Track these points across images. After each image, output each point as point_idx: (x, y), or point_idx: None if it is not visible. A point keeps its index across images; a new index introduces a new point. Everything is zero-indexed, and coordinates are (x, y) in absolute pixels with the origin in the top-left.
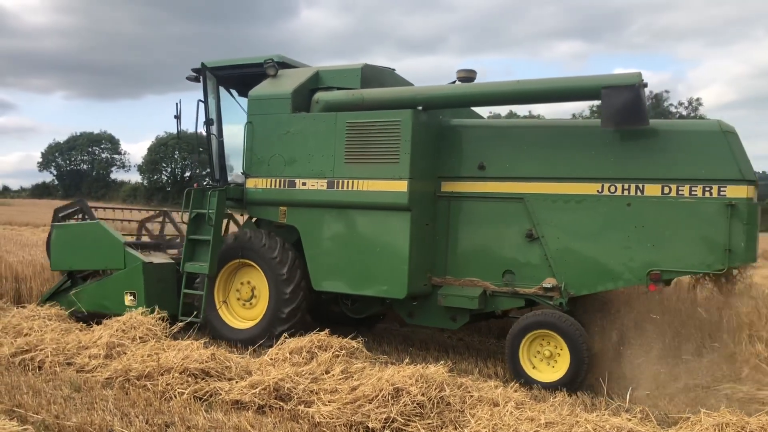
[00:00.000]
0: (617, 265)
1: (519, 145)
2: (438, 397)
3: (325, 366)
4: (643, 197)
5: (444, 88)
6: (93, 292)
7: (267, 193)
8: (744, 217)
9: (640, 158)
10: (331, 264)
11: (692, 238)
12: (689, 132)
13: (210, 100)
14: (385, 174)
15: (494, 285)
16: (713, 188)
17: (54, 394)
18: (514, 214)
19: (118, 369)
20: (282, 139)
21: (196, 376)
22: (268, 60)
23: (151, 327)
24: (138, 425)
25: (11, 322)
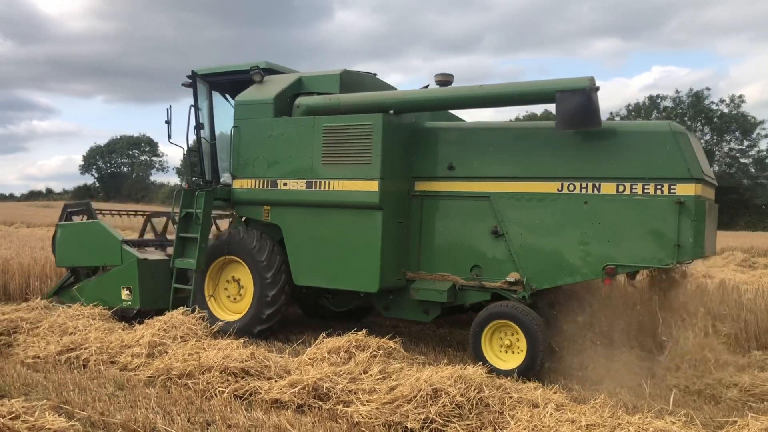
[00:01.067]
0: (575, 260)
1: (485, 146)
2: (477, 398)
3: (363, 366)
4: (600, 195)
5: (411, 93)
6: (93, 287)
7: (252, 193)
8: (692, 214)
9: (596, 158)
10: (310, 260)
11: (645, 233)
12: (641, 133)
13: (203, 105)
14: (358, 174)
15: (463, 279)
16: (664, 186)
17: (99, 391)
18: (481, 212)
19: (160, 368)
20: (265, 142)
21: (236, 375)
22: (253, 67)
23: (192, 326)
24: (180, 423)
25: (57, 321)
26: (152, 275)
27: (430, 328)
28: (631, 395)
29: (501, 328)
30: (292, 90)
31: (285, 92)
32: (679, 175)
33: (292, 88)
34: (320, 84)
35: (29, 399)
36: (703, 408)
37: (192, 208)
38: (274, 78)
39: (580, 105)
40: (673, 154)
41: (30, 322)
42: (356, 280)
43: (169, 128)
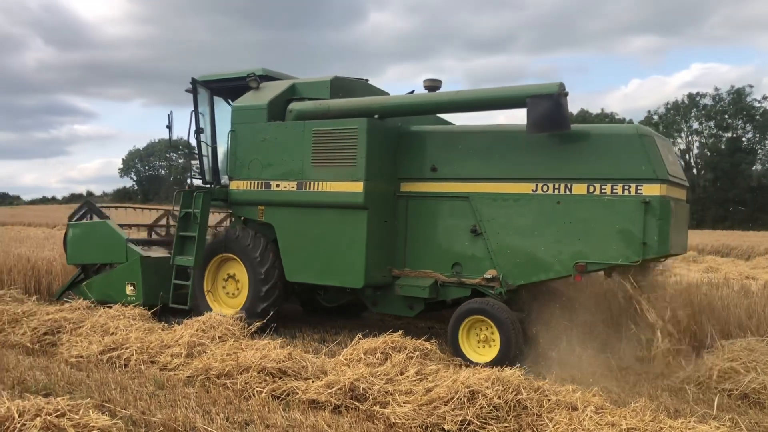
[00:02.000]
0: (549, 257)
1: (465, 148)
2: (514, 400)
3: (400, 367)
4: (571, 195)
5: (393, 99)
6: (100, 283)
7: (247, 194)
8: (657, 213)
9: (568, 160)
10: (300, 257)
11: (613, 232)
12: (610, 135)
13: (205, 110)
14: (345, 176)
15: (445, 276)
16: (631, 187)
17: (140, 390)
18: (462, 211)
19: (198, 368)
20: (259, 146)
21: (273, 376)
22: (250, 74)
23: (230, 327)
24: (219, 423)
25: (99, 321)
26: (155, 272)
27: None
28: (673, 399)
29: (477, 323)
30: (286, 96)
31: (279, 98)
32: (645, 176)
33: (285, 94)
34: (312, 90)
35: (73, 397)
36: (748, 413)
37: (191, 208)
38: (269, 84)
39: (550, 110)
40: (639, 156)
41: (73, 322)
42: (343, 277)
43: (170, 133)
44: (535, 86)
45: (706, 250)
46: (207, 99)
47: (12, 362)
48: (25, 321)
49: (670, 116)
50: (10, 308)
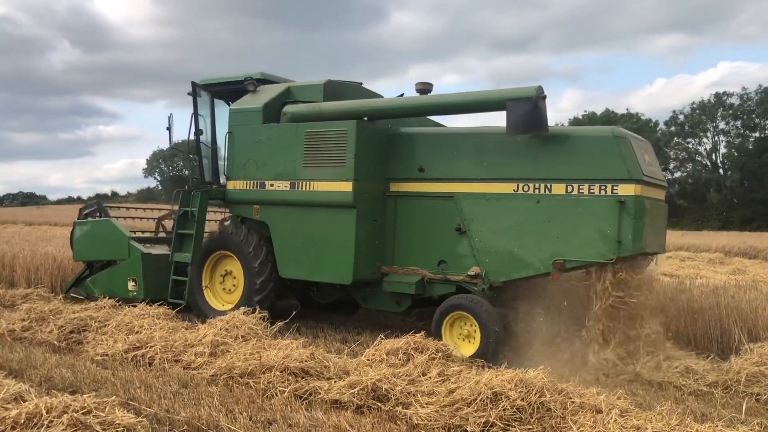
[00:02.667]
0: (528, 255)
1: (450, 150)
2: (538, 402)
3: (422, 368)
4: (551, 195)
5: (381, 102)
6: (104, 279)
7: (243, 193)
8: (632, 213)
9: (548, 161)
10: (293, 254)
11: (590, 231)
12: (586, 137)
13: (206, 112)
14: (335, 176)
15: (431, 273)
16: (607, 187)
17: (164, 389)
18: (447, 210)
19: (222, 367)
20: (255, 147)
21: (296, 375)
22: (247, 78)
23: (253, 326)
24: (242, 422)
25: (123, 320)
26: (155, 268)
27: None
28: (699, 402)
29: (459, 319)
30: (281, 99)
31: (274, 101)
32: (620, 176)
33: (280, 97)
34: (306, 93)
35: (99, 395)
36: None
37: (189, 207)
38: (266, 88)
39: (528, 112)
40: (614, 157)
41: (98, 320)
42: (332, 273)
43: (170, 134)
44: (514, 90)
45: (732, 252)
46: (208, 102)
47: (39, 360)
48: (51, 319)
49: (696, 116)
50: (38, 306)
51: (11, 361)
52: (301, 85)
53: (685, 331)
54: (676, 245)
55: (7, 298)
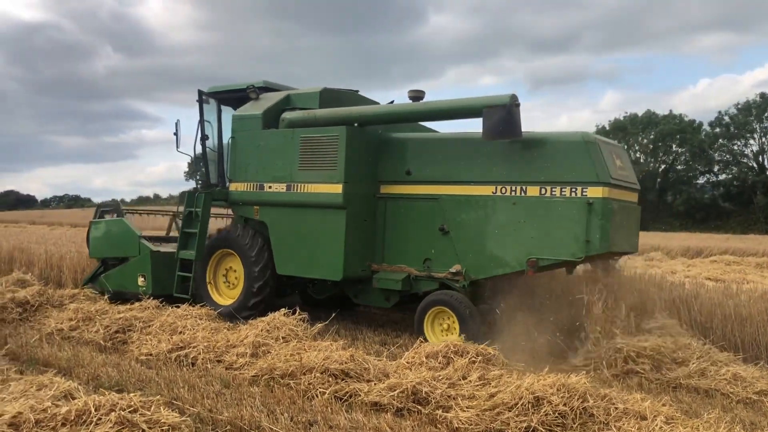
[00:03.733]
0: (505, 254)
1: (435, 154)
2: (580, 407)
3: (462, 372)
4: (526, 197)
5: (368, 109)
6: (117, 275)
7: (244, 194)
8: (599, 214)
9: (524, 164)
10: (289, 252)
11: (561, 231)
12: (558, 142)
13: (213, 118)
14: (327, 179)
15: (417, 270)
16: (577, 189)
17: (206, 389)
18: (432, 211)
19: (263, 367)
20: (255, 151)
21: (336, 377)
22: (250, 86)
23: (293, 327)
24: (283, 422)
25: (167, 321)
26: (163, 265)
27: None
28: (748, 411)
29: (440, 313)
30: (280, 106)
31: (273, 108)
32: (589, 179)
33: (280, 104)
34: (304, 101)
35: (145, 394)
36: None
37: (194, 207)
38: (267, 95)
39: (503, 118)
40: (584, 161)
41: (143, 320)
42: (324, 270)
43: (177, 140)
44: (490, 97)
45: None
46: (215, 109)
47: (86, 358)
48: (98, 319)
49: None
50: (84, 306)
51: (60, 360)
52: (299, 93)
53: (732, 338)
54: (720, 249)
55: (56, 298)
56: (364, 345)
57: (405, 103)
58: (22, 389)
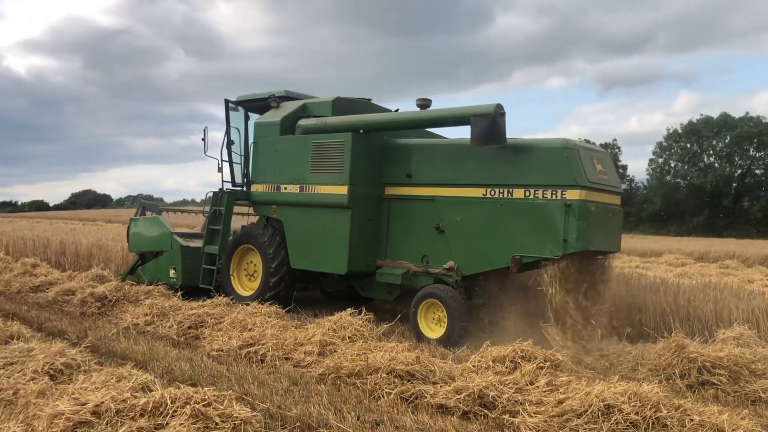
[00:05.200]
0: (492, 251)
1: (432, 158)
2: (653, 417)
3: (530, 377)
4: (512, 199)
5: (370, 117)
6: (152, 268)
7: (264, 195)
8: (577, 214)
9: (511, 169)
10: (301, 248)
11: (542, 230)
12: (540, 148)
13: (240, 125)
14: (334, 181)
15: (416, 266)
16: (557, 192)
17: (275, 386)
18: (429, 211)
19: (330, 366)
20: (273, 155)
21: (402, 378)
22: (271, 95)
23: (359, 328)
24: (350, 421)
25: (237, 318)
26: (192, 258)
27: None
28: None
29: (432, 305)
30: (297, 114)
31: (291, 115)
32: (567, 182)
33: (297, 112)
34: (318, 109)
35: (217, 388)
36: None
37: (218, 206)
38: (287, 104)
39: (488, 126)
40: (563, 166)
41: (214, 317)
42: (331, 264)
43: (205, 145)
44: (476, 107)
45: None
46: (243, 116)
47: (161, 353)
48: (171, 315)
49: None
50: (159, 302)
51: (136, 353)
52: (314, 102)
53: None
54: None
55: (132, 294)
56: (429, 347)
57: (401, 112)
58: (103, 380)
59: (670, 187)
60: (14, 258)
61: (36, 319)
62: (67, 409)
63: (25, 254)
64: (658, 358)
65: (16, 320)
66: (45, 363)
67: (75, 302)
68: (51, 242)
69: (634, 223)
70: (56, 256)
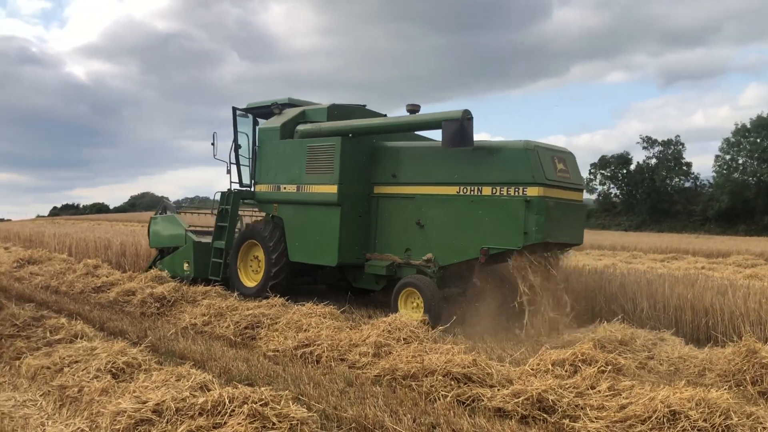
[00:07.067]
0: (464, 243)
1: (413, 159)
2: (723, 425)
3: (590, 381)
4: (481, 196)
5: (355, 123)
6: (169, 262)
7: (266, 194)
8: (535, 209)
9: (480, 168)
10: (298, 242)
11: (506, 224)
12: (504, 149)
13: (248, 130)
14: (326, 181)
15: (400, 259)
16: (519, 189)
17: (330, 387)
18: (411, 208)
19: (385, 368)
20: (274, 158)
21: (458, 380)
22: (274, 103)
23: (414, 329)
24: (406, 423)
25: (293, 318)
26: (203, 253)
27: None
28: None
29: (411, 293)
30: (297, 119)
31: (290, 121)
32: (526, 180)
33: (296, 118)
34: (315, 115)
35: (273, 388)
36: None
37: (225, 205)
38: (288, 110)
39: (457, 130)
40: (523, 165)
41: (270, 317)
42: (323, 257)
43: (214, 149)
44: (446, 113)
45: None
46: (251, 122)
47: (218, 352)
48: (228, 315)
49: None
50: (216, 303)
51: (195, 353)
52: (312, 108)
53: None
54: None
55: (189, 294)
56: (485, 349)
57: (380, 118)
58: (163, 379)
59: (738, 184)
60: (77, 259)
61: (98, 319)
62: (129, 407)
63: (87, 255)
64: (727, 363)
65: (79, 320)
66: (107, 362)
67: (135, 302)
68: (112, 244)
69: (699, 222)
70: (117, 258)
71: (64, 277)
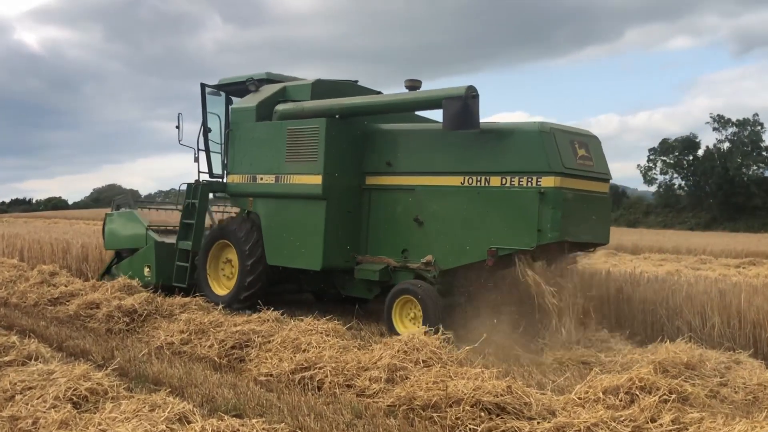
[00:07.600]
0: (469, 243)
1: (411, 145)
2: None
3: (650, 412)
4: (489, 187)
5: (345, 101)
6: (126, 266)
7: (240, 186)
8: (551, 203)
9: (487, 155)
10: (277, 243)
11: (517, 220)
12: (515, 132)
13: (221, 111)
14: (308, 170)
15: (395, 261)
16: (533, 179)
17: (335, 418)
18: (408, 202)
19: (401, 396)
20: (249, 143)
21: (489, 411)
22: (249, 78)
23: (436, 350)
24: None
25: (289, 336)
26: (167, 255)
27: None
28: None
29: (407, 303)
30: (276, 98)
31: (268, 100)
32: (541, 168)
33: (275, 96)
34: (297, 93)
35: (266, 421)
36: None
37: (193, 198)
38: (266, 87)
39: (460, 109)
40: (537, 151)
41: (262, 335)
42: (306, 260)
43: (179, 132)
44: (447, 89)
45: None
46: (224, 101)
47: (199, 377)
48: (212, 332)
49: None
50: (197, 317)
51: (171, 378)
52: (294, 85)
53: None
54: None
55: (165, 307)
56: (522, 374)
57: (373, 95)
58: (134, 409)
59: None
60: (30, 265)
61: (56, 337)
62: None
63: (43, 261)
64: None
65: (33, 338)
66: (67, 388)
67: (100, 317)
68: (71, 247)
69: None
70: (77, 263)
71: (15, 286)
